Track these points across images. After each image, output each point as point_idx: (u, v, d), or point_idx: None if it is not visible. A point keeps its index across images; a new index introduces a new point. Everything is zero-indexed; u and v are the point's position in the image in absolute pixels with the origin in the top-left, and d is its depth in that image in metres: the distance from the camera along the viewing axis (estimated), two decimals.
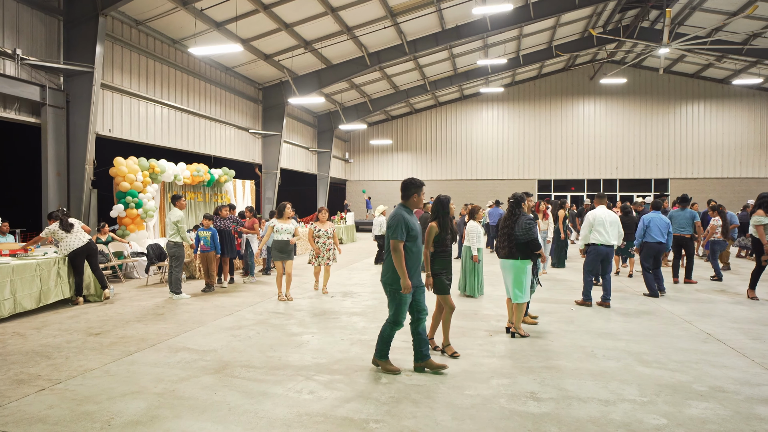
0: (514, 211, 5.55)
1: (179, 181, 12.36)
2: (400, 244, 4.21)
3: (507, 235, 5.49)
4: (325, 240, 8.47)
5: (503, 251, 5.55)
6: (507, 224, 5.53)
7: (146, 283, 9.69)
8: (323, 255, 8.46)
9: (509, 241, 5.47)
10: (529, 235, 5.37)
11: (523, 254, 5.44)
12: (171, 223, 8.20)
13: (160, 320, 6.59)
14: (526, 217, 5.46)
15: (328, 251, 8.50)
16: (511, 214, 5.56)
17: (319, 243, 8.43)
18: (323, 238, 8.46)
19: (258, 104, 18.79)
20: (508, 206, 5.63)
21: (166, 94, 13.58)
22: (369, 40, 17.09)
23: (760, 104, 25.88)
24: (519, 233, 5.43)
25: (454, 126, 28.68)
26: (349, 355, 4.98)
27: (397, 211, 4.38)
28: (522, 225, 5.42)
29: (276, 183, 19.29)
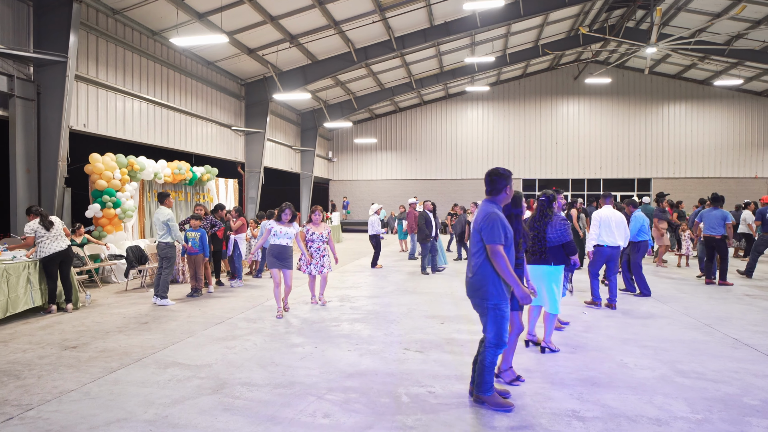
0: (545, 211, 5.06)
1: (160, 179, 11.69)
2: (501, 248, 3.51)
3: (537, 238, 5.00)
4: (319, 245, 7.41)
5: (533, 256, 5.06)
6: (537, 225, 5.04)
7: (126, 288, 9.04)
8: (316, 262, 7.38)
9: (540, 245, 4.99)
10: (564, 237, 4.94)
11: (556, 259, 4.99)
12: (161, 222, 7.62)
13: (144, 330, 6.01)
14: (558, 217, 5.02)
15: (322, 258, 7.41)
16: (542, 215, 5.06)
17: (312, 248, 7.40)
18: (317, 242, 7.41)
19: (240, 100, 18.12)
20: (538, 205, 5.12)
21: (144, 87, 12.87)
22: (356, 35, 16.62)
23: (740, 105, 26.26)
24: (552, 235, 4.97)
25: (439, 125, 28.39)
26: (360, 369, 4.51)
27: (489, 209, 3.62)
28: (555, 226, 4.97)
29: (259, 182, 18.65)
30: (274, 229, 6.93)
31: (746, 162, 26.44)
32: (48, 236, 6.94)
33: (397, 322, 6.34)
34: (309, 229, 7.41)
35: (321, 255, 7.41)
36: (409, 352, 5.00)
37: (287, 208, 6.98)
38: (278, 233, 6.89)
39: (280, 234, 6.89)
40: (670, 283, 9.29)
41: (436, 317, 6.58)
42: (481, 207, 3.73)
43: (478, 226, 3.63)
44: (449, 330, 5.90)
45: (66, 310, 7.10)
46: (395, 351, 5.06)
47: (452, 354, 4.93)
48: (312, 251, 7.39)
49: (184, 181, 12.74)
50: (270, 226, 7.02)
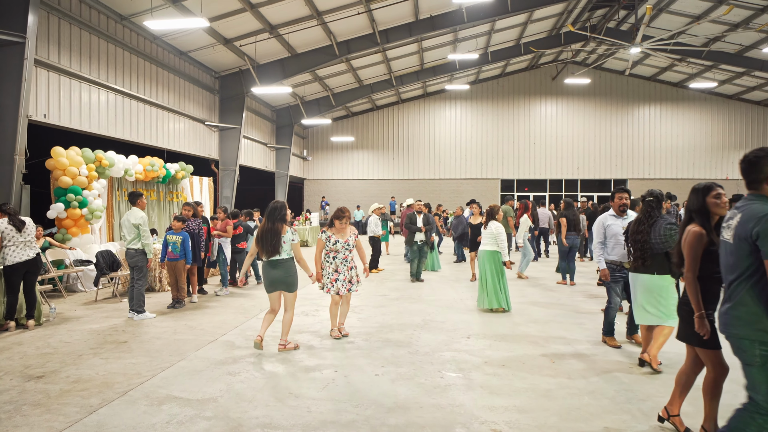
0: (651, 212, 4.39)
1: (130, 177, 10.64)
2: None
3: (640, 243, 4.38)
4: (345, 254, 5.61)
5: (634, 263, 4.44)
6: (640, 229, 4.40)
7: (95, 298, 8.02)
8: (343, 278, 5.57)
9: (643, 251, 4.36)
10: (670, 243, 4.30)
11: (661, 268, 4.38)
12: (131, 225, 6.65)
13: (124, 352, 5.12)
14: (665, 220, 4.40)
15: (350, 270, 5.62)
16: (647, 216, 4.40)
17: (337, 260, 5.58)
18: (342, 252, 5.58)
19: (215, 94, 17.05)
20: (644, 206, 4.46)
21: (112, 77, 11.74)
22: (339, 28, 15.85)
23: (712, 108, 26.76)
24: (656, 240, 4.32)
25: (417, 124, 27.86)
26: (399, 401, 3.80)
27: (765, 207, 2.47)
28: (661, 230, 4.33)
29: (234, 181, 17.61)
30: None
31: (718, 164, 26.97)
32: (17, 241, 5.92)
33: (416, 336, 5.66)
34: (330, 236, 5.59)
35: (349, 267, 5.63)
36: (448, 375, 4.32)
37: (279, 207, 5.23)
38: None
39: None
40: None
41: (458, 330, 5.92)
42: (750, 206, 2.55)
43: (749, 232, 2.46)
44: (480, 346, 5.26)
45: (27, 327, 6.10)
46: (430, 374, 4.37)
47: (498, 378, 4.28)
48: (337, 264, 5.58)
49: (157, 178, 11.71)
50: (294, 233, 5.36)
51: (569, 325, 6.17)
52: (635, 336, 5.30)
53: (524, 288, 8.91)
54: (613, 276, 5.11)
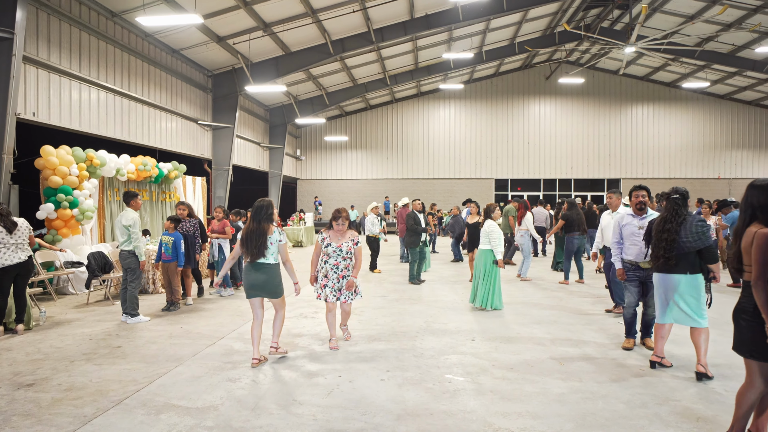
0: (678, 210, 4.25)
1: (122, 176, 10.40)
2: None
3: (668, 241, 4.21)
4: (337, 261, 5.15)
5: (661, 262, 4.26)
6: (668, 227, 4.23)
7: (87, 300, 7.80)
8: (332, 285, 5.14)
9: (669, 250, 4.19)
10: (703, 240, 4.15)
11: (693, 267, 4.22)
12: (123, 227, 6.46)
13: (118, 357, 4.94)
14: (695, 217, 4.23)
15: (341, 280, 5.15)
16: (675, 214, 4.24)
17: (327, 265, 5.15)
18: (333, 258, 5.13)
19: (207, 93, 16.82)
20: (669, 203, 4.31)
21: (103, 74, 11.50)
22: (333, 26, 15.70)
23: (704, 108, 26.90)
24: (687, 239, 4.16)
25: (411, 123, 27.76)
26: (407, 407, 3.66)
27: None
28: (692, 228, 4.17)
29: (228, 180, 17.39)
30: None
31: (710, 163, 27.13)
32: (8, 243, 5.71)
33: (420, 339, 5.52)
34: (325, 239, 5.17)
35: (340, 275, 5.17)
36: (455, 380, 4.19)
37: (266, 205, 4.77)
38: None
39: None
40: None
41: (461, 332, 5.80)
42: None
43: None
44: (485, 348, 5.13)
45: (16, 332, 5.89)
46: (438, 379, 4.23)
47: (508, 382, 4.15)
48: (327, 269, 5.18)
49: (150, 178, 11.48)
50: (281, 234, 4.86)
51: (574, 326, 6.06)
52: (647, 340, 5.15)
53: (526, 288, 8.81)
54: (628, 275, 4.99)
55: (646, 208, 5.01)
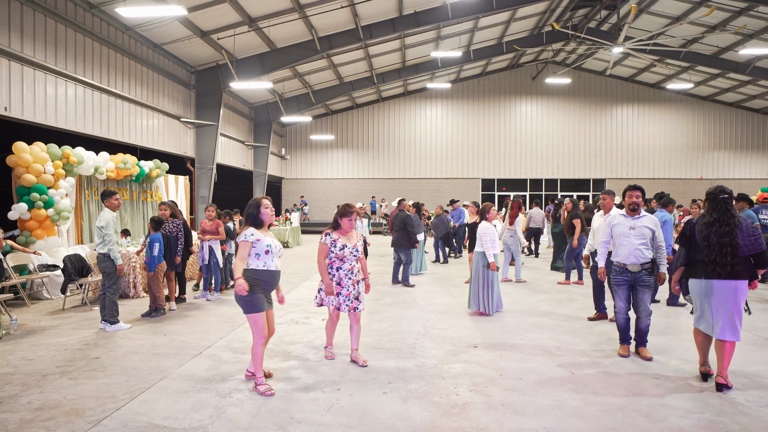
0: (730, 211, 3.94)
1: (101, 175, 9.95)
2: None
3: (724, 246, 3.87)
4: (352, 264, 4.62)
5: (722, 268, 3.90)
6: (724, 230, 3.89)
7: (63, 306, 7.36)
8: (347, 293, 4.57)
9: (731, 255, 3.86)
10: (758, 245, 3.89)
11: (748, 273, 3.93)
12: (96, 228, 6.10)
13: (96, 370, 4.57)
14: (746, 219, 3.97)
15: (356, 285, 4.61)
16: (728, 215, 3.93)
17: (341, 270, 4.57)
18: (349, 261, 4.59)
19: (190, 90, 16.34)
20: (717, 204, 4.01)
21: (81, 69, 11.00)
22: (321, 22, 15.36)
23: (687, 109, 27.17)
24: (746, 242, 3.89)
25: (397, 122, 27.52)
26: (415, 424, 3.38)
27: None
28: (750, 231, 3.88)
29: (211, 180, 16.92)
30: (268, 241, 4.06)
31: (692, 164, 27.41)
32: None
33: (420, 346, 5.25)
34: (336, 239, 4.56)
35: (355, 280, 4.62)
36: (463, 392, 3.93)
37: (263, 201, 4.17)
38: (271, 249, 4.07)
39: (274, 250, 4.09)
40: None
41: (462, 338, 5.54)
42: None
43: None
44: (489, 356, 4.88)
45: None
46: (444, 391, 3.97)
47: (518, 393, 3.90)
48: (341, 275, 4.57)
49: (130, 177, 11.02)
50: (251, 235, 4.03)
51: (579, 331, 5.86)
52: (642, 350, 4.87)
53: (523, 290, 8.60)
54: (615, 278, 4.80)
55: (639, 208, 4.81)
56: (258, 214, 4.10)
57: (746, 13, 16.93)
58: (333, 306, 4.63)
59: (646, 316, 4.78)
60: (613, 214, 5.10)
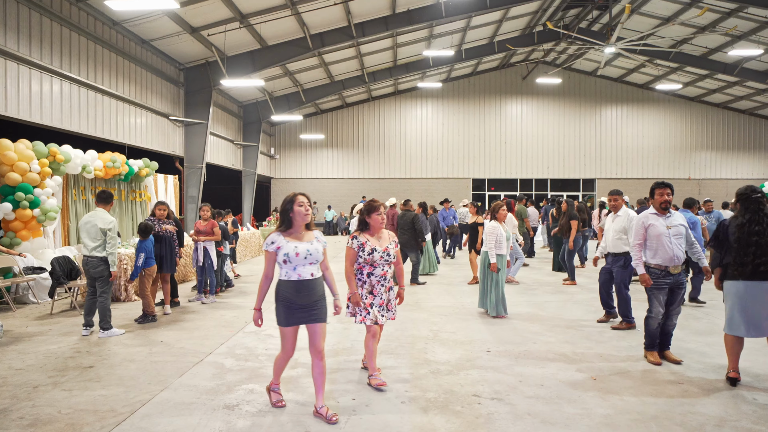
0: (762, 209, 3.87)
1: (89, 174, 9.59)
2: None
3: (760, 246, 3.77)
4: (384, 270, 4.06)
5: (760, 268, 3.80)
6: (756, 229, 3.82)
7: (51, 311, 7.02)
8: (380, 302, 4.06)
9: (758, 255, 3.77)
10: None
11: None
12: (98, 230, 5.77)
13: (91, 380, 4.29)
14: None
15: (388, 292, 4.12)
16: (761, 214, 3.85)
17: (373, 277, 4.04)
18: (381, 266, 4.04)
19: (179, 87, 15.95)
20: (750, 204, 3.94)
21: (67, 64, 10.60)
22: (313, 19, 15.10)
23: (675, 110, 27.40)
24: None
25: (388, 122, 27.34)
26: None
27: None
28: None
29: (201, 179, 16.54)
30: (288, 249, 3.43)
31: (680, 164, 27.65)
32: None
33: (431, 351, 5.06)
34: (364, 243, 4.00)
35: (387, 287, 4.12)
36: (485, 402, 3.73)
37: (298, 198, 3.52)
38: (301, 254, 3.43)
39: (303, 254, 3.43)
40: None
41: (473, 342, 5.36)
42: None
43: None
44: (505, 361, 4.70)
45: None
46: (465, 400, 3.77)
47: (543, 402, 3.72)
48: (372, 282, 4.05)
49: (119, 176, 10.66)
50: (271, 244, 3.45)
51: (591, 334, 5.72)
52: (668, 353, 4.75)
53: (527, 292, 8.44)
54: (656, 282, 4.57)
55: (669, 207, 4.67)
56: (290, 212, 3.48)
57: (736, 14, 17.06)
58: (369, 320, 4.02)
59: (676, 315, 4.65)
60: (643, 215, 4.75)
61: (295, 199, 3.51)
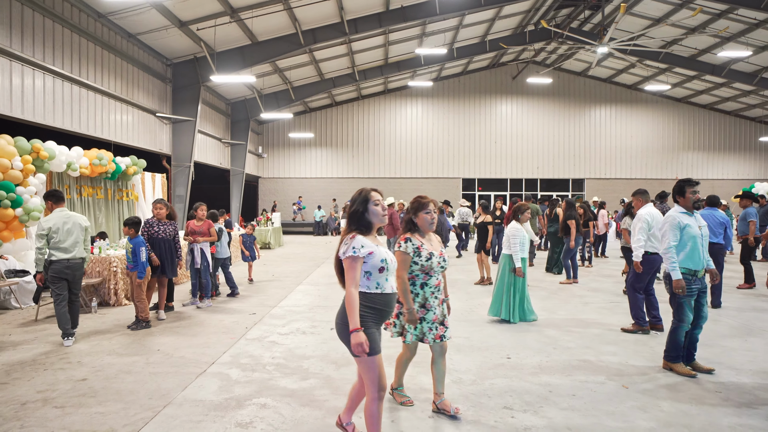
0: None
1: (74, 171, 9.13)
2: None
3: None
4: (438, 279, 3.49)
5: None
6: None
7: (36, 317, 6.59)
8: (432, 317, 3.44)
9: None
10: None
11: None
12: (82, 228, 5.53)
13: (85, 395, 3.93)
14: None
15: (441, 306, 3.51)
16: None
17: (427, 288, 3.44)
18: (436, 275, 3.47)
19: (166, 83, 15.47)
20: None
21: (50, 57, 10.12)
22: (305, 15, 14.78)
23: (662, 111, 27.60)
24: None
25: (377, 121, 27.06)
26: None
27: None
28: None
29: (189, 178, 16.08)
30: (383, 254, 2.83)
31: (668, 164, 27.87)
32: None
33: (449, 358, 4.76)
34: (420, 247, 3.39)
35: (440, 299, 3.53)
36: (518, 414, 3.48)
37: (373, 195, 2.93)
38: (387, 264, 2.84)
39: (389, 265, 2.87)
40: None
41: (490, 349, 5.10)
42: None
43: None
44: (529, 369, 4.46)
45: None
46: (497, 412, 3.51)
47: (580, 414, 3.48)
48: (426, 294, 3.45)
49: (105, 174, 10.20)
50: (361, 248, 2.77)
51: (610, 338, 5.51)
52: (696, 364, 4.47)
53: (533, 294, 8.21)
54: (689, 288, 4.29)
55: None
56: (365, 213, 2.87)
57: (726, 15, 17.15)
58: (413, 337, 3.45)
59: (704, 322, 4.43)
60: (675, 215, 4.38)
61: (369, 197, 2.89)
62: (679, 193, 4.50)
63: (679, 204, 4.50)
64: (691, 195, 4.39)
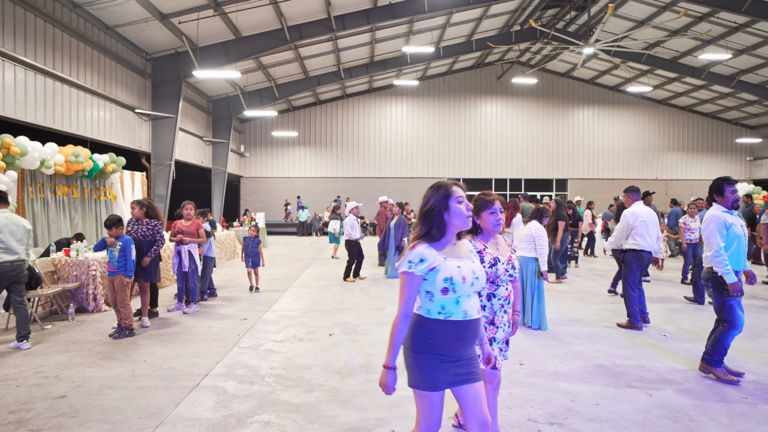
0: None
1: (48, 169, 8.61)
2: None
3: None
4: (508, 290, 2.98)
5: None
6: None
7: (6, 326, 6.11)
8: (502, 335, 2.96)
9: None
10: None
11: None
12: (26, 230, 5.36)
13: (65, 415, 3.54)
14: None
15: (504, 315, 2.97)
16: None
17: (495, 301, 2.93)
18: (504, 283, 2.95)
19: (146, 79, 14.91)
20: None
21: (21, 48, 9.56)
22: (291, 9, 14.40)
23: (643, 112, 27.92)
24: None
25: (362, 120, 26.77)
26: None
27: None
28: None
29: (170, 177, 15.53)
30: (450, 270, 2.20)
31: (648, 165, 28.20)
32: None
33: None
34: (482, 252, 2.89)
35: (511, 315, 3.08)
36: (544, 427, 3.23)
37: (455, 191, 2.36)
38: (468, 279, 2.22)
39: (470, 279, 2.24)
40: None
41: None
42: None
43: None
44: (546, 377, 4.22)
45: None
46: (523, 426, 3.26)
47: (610, 425, 3.25)
48: (494, 308, 2.95)
49: (82, 172, 9.69)
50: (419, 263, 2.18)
51: (623, 340, 5.32)
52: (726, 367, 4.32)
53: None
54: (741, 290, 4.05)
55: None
56: (445, 213, 2.25)
57: (707, 18, 17.36)
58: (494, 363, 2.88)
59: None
60: (718, 215, 4.12)
61: (451, 192, 2.26)
62: (717, 191, 4.24)
63: (717, 203, 4.25)
64: (731, 194, 4.15)
